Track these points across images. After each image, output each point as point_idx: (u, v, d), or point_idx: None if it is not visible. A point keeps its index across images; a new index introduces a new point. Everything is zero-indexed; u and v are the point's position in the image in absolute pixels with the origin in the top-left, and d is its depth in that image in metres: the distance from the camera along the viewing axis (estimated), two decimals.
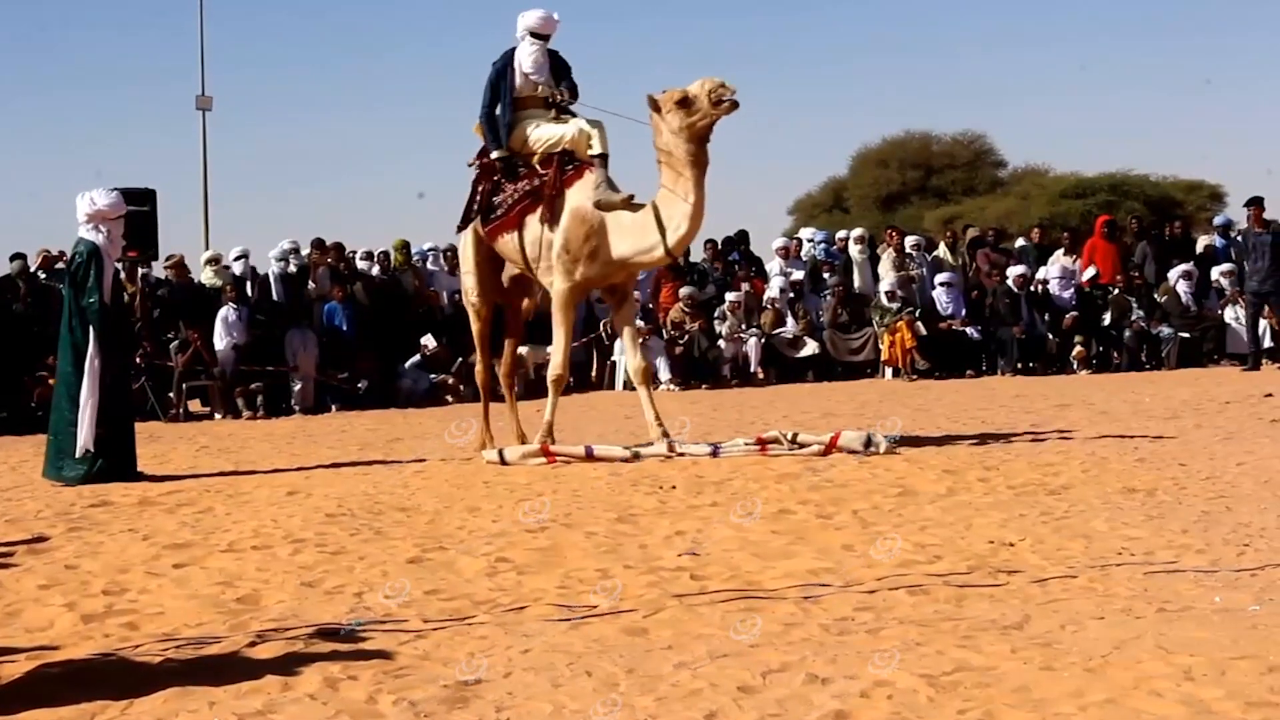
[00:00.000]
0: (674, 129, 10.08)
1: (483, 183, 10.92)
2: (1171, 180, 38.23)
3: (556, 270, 10.50)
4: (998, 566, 6.23)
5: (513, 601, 5.83)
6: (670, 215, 10.17)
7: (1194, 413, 12.96)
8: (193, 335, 16.45)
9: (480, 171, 10.98)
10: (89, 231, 10.05)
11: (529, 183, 10.67)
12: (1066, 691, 4.31)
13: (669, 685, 4.53)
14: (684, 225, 10.19)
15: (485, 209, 10.86)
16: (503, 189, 10.79)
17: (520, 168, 10.75)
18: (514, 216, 10.69)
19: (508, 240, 10.81)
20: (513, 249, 10.82)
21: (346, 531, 7.55)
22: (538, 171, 10.67)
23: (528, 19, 10.78)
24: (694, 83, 10.04)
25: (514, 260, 10.98)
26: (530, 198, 10.63)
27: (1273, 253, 18.84)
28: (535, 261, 10.67)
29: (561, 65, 10.86)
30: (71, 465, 9.91)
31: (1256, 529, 6.94)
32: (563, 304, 10.61)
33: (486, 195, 10.86)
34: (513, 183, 10.74)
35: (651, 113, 10.24)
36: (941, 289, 20.05)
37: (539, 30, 10.77)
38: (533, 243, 10.62)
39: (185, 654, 5.10)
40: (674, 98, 10.05)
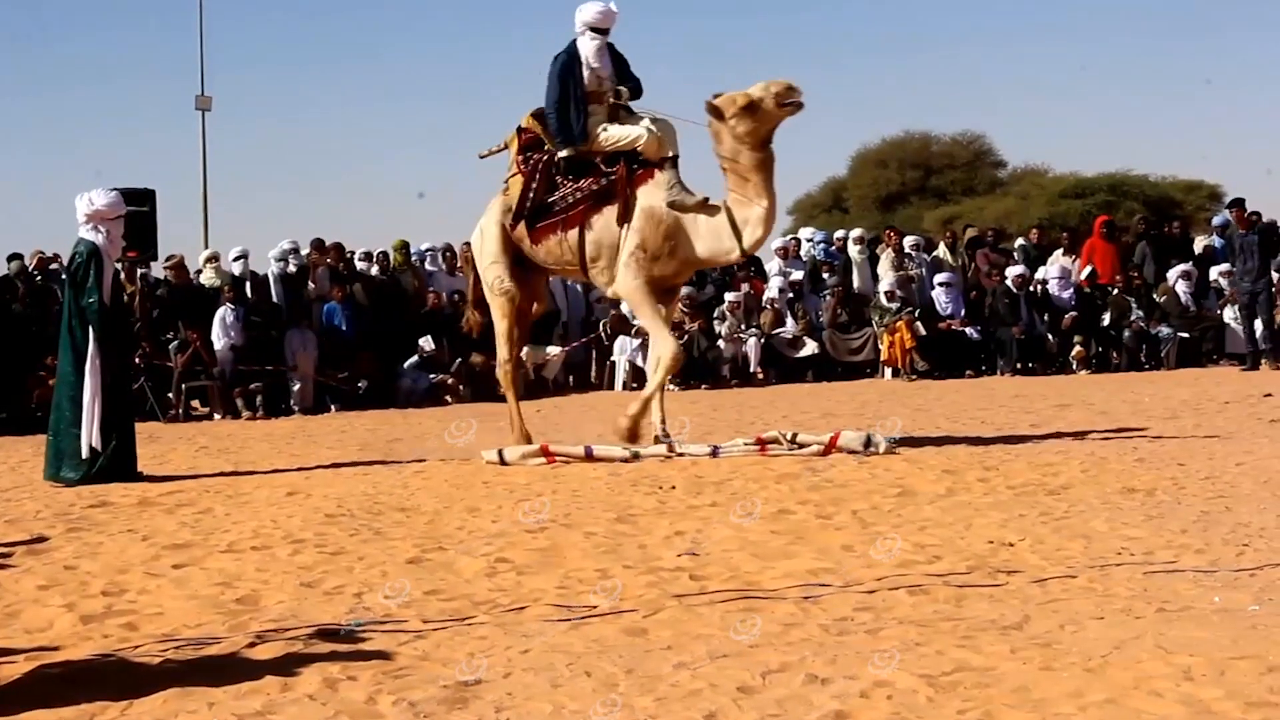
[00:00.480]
0: (738, 135, 10.09)
1: (537, 180, 10.65)
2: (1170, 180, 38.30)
3: (629, 268, 10.40)
4: (997, 566, 6.23)
5: (512, 602, 5.83)
6: (744, 218, 10.22)
7: (1193, 413, 12.97)
8: (192, 335, 16.45)
9: (533, 169, 10.69)
10: (89, 232, 10.05)
11: (594, 182, 10.54)
12: (1066, 692, 4.31)
13: (669, 685, 4.53)
14: (759, 229, 10.27)
15: (538, 208, 10.67)
16: (560, 187, 10.62)
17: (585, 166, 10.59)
18: (576, 215, 10.54)
19: (561, 239, 10.63)
20: (566, 248, 10.63)
21: (346, 532, 7.55)
22: (603, 170, 10.56)
23: (587, 13, 10.60)
24: (755, 85, 10.04)
25: (557, 260, 10.83)
26: (596, 198, 10.52)
27: (1260, 252, 18.91)
28: (594, 261, 10.58)
29: (620, 60, 10.73)
30: (71, 466, 9.91)
31: (1256, 529, 6.94)
32: (641, 298, 10.47)
33: (541, 194, 10.65)
34: (574, 181, 10.60)
35: (711, 120, 10.20)
36: (941, 289, 20.06)
37: (599, 24, 10.59)
38: (595, 242, 10.52)
39: (185, 655, 5.10)
40: (738, 103, 10.03)
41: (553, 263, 10.93)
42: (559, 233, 10.64)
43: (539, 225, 10.68)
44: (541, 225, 10.67)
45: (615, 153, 10.56)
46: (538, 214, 10.67)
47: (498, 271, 10.99)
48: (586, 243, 10.55)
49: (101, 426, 9.84)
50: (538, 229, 10.70)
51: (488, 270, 11.05)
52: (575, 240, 10.59)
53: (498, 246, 10.96)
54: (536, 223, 10.69)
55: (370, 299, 18.36)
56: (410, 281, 19.09)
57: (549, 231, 10.67)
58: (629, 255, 10.40)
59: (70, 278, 10.12)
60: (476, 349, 17.87)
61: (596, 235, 10.53)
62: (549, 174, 10.64)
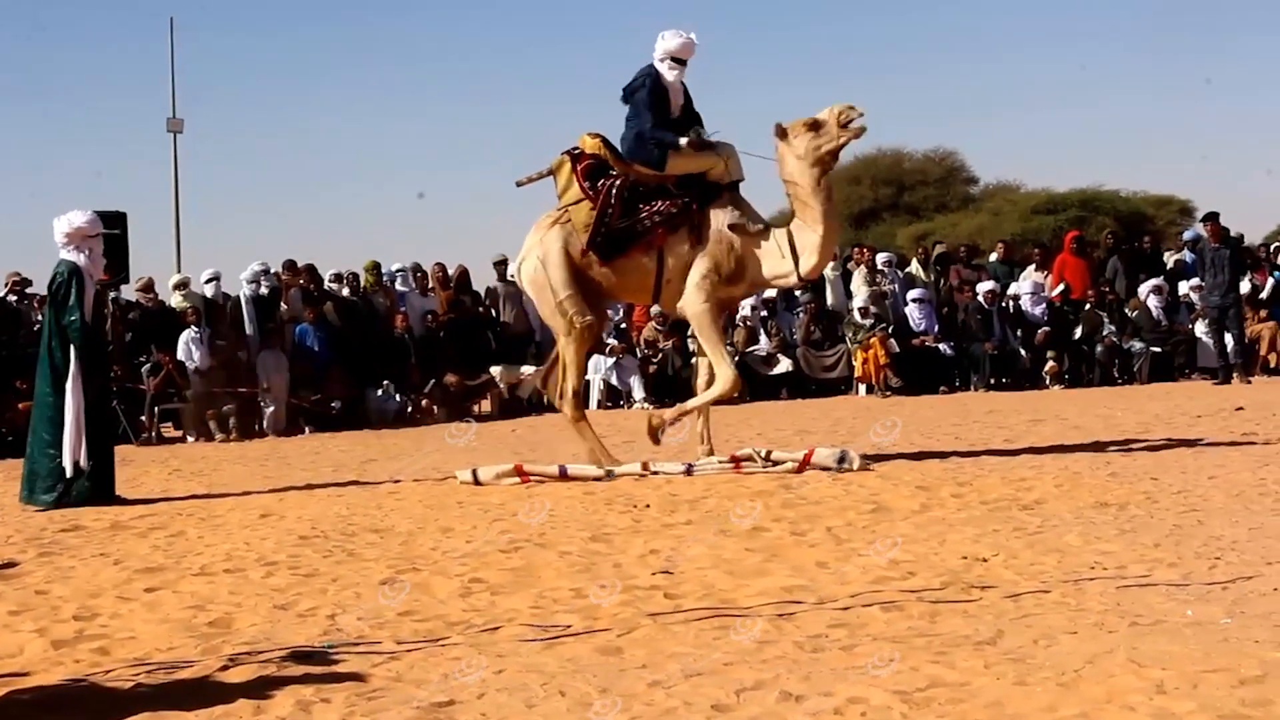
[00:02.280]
0: (799, 154, 10.26)
1: (612, 205, 10.54)
2: (1142, 195, 38.46)
3: (699, 291, 10.46)
4: (971, 582, 6.24)
5: (486, 622, 5.81)
6: (802, 244, 10.36)
7: (1165, 427, 13.02)
8: (164, 358, 16.40)
9: (604, 194, 10.56)
10: (70, 252, 10.05)
11: (670, 206, 10.54)
12: (1039, 706, 4.32)
13: (643, 704, 4.52)
14: (814, 256, 10.39)
15: (614, 233, 10.57)
16: (639, 210, 10.57)
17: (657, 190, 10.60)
18: (655, 240, 10.55)
19: (637, 264, 10.62)
20: (644, 274, 10.65)
21: (320, 553, 7.53)
22: (674, 194, 10.58)
23: (670, 43, 10.61)
24: (824, 110, 10.24)
25: (634, 285, 10.85)
26: (670, 222, 10.54)
27: (1231, 266, 19.03)
28: (669, 285, 10.61)
29: (686, 92, 10.84)
30: (45, 488, 9.88)
31: (1228, 542, 6.97)
32: (709, 321, 10.53)
33: (616, 218, 10.56)
34: (650, 206, 10.58)
35: (778, 142, 10.38)
36: (914, 305, 20.12)
37: (681, 55, 10.66)
38: (671, 266, 10.57)
39: (157, 678, 5.07)
40: (803, 123, 10.27)
41: (625, 290, 10.98)
42: (636, 258, 10.63)
43: (614, 250, 10.62)
44: (617, 250, 10.63)
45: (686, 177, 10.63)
46: (614, 239, 10.60)
47: (577, 304, 10.72)
48: (665, 267, 10.60)
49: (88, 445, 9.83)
50: (614, 255, 10.65)
51: (565, 302, 10.72)
52: (654, 264, 10.62)
53: (567, 275, 10.72)
54: (612, 247, 10.61)
55: (342, 320, 18.32)
56: (382, 302, 19.06)
57: (627, 257, 10.64)
58: (701, 277, 10.47)
59: (51, 297, 10.10)
60: (450, 369, 17.88)
61: (674, 259, 10.58)
62: (624, 198, 10.57)
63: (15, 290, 17.40)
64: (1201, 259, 19.71)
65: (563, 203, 10.81)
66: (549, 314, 11.00)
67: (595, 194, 10.58)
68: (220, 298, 18.27)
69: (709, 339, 10.63)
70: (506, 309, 19.61)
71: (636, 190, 10.58)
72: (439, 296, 19.32)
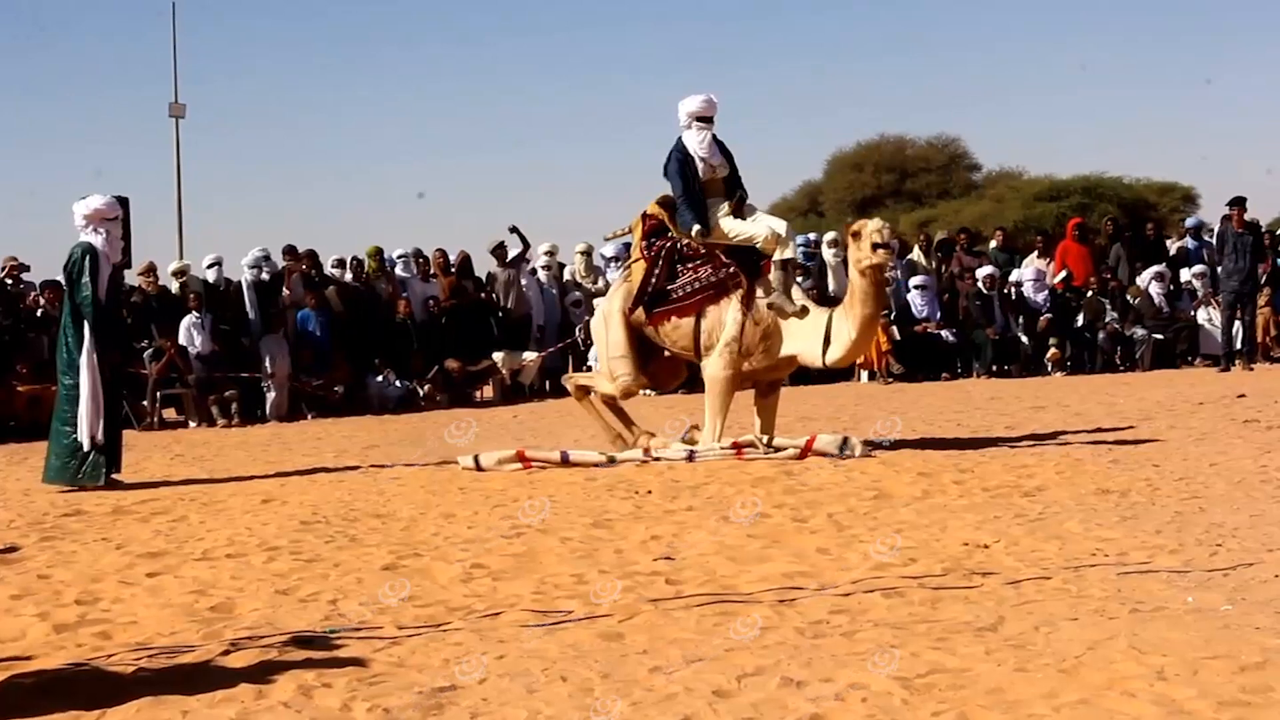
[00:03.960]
0: (854, 259, 10.28)
1: (660, 267, 10.77)
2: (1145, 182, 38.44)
3: (722, 356, 10.50)
4: (972, 568, 6.25)
5: (488, 608, 5.81)
6: (836, 335, 10.35)
7: (1167, 414, 13.01)
8: (167, 343, 16.39)
9: (655, 255, 10.82)
10: (88, 234, 10.22)
11: (714, 272, 10.65)
12: (1040, 693, 4.33)
13: (644, 690, 4.53)
14: (839, 352, 10.39)
15: (658, 294, 10.77)
16: (680, 274, 10.75)
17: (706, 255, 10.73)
18: (694, 305, 10.66)
19: (677, 326, 10.75)
20: (683, 335, 10.75)
21: (321, 539, 7.54)
22: (723, 261, 10.66)
23: (691, 105, 10.77)
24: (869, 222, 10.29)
25: (677, 344, 10.89)
26: (714, 288, 10.63)
27: (1253, 253, 18.95)
28: (708, 349, 10.66)
29: (726, 149, 10.90)
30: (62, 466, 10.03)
31: (1229, 529, 6.97)
32: (721, 390, 10.53)
33: (662, 280, 10.75)
34: (694, 270, 10.72)
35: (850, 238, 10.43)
36: (916, 292, 20.09)
37: (703, 114, 10.78)
38: (709, 331, 10.63)
39: (158, 663, 5.08)
40: (851, 229, 10.37)
41: (671, 345, 11.00)
42: (674, 319, 10.75)
43: (657, 311, 10.79)
44: (659, 311, 10.78)
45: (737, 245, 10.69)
46: (656, 300, 10.78)
47: (625, 367, 10.95)
48: (701, 331, 10.67)
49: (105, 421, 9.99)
50: (656, 314, 10.81)
51: (614, 362, 10.99)
52: (691, 327, 10.70)
53: (623, 336, 10.95)
54: (655, 308, 10.79)
55: (344, 305, 18.31)
56: (384, 288, 19.05)
57: (665, 317, 10.78)
58: (724, 345, 10.51)
59: (66, 277, 10.27)
60: (451, 355, 17.87)
61: (710, 324, 10.63)
62: (671, 261, 10.78)
63: (13, 275, 17.39)
64: (1222, 243, 19.47)
65: (631, 260, 11.16)
66: (602, 361, 11.30)
67: (649, 255, 10.85)
68: (222, 283, 18.26)
69: (713, 406, 10.58)
70: (506, 295, 19.60)
71: (685, 256, 10.77)
72: (440, 282, 19.30)
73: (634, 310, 10.86)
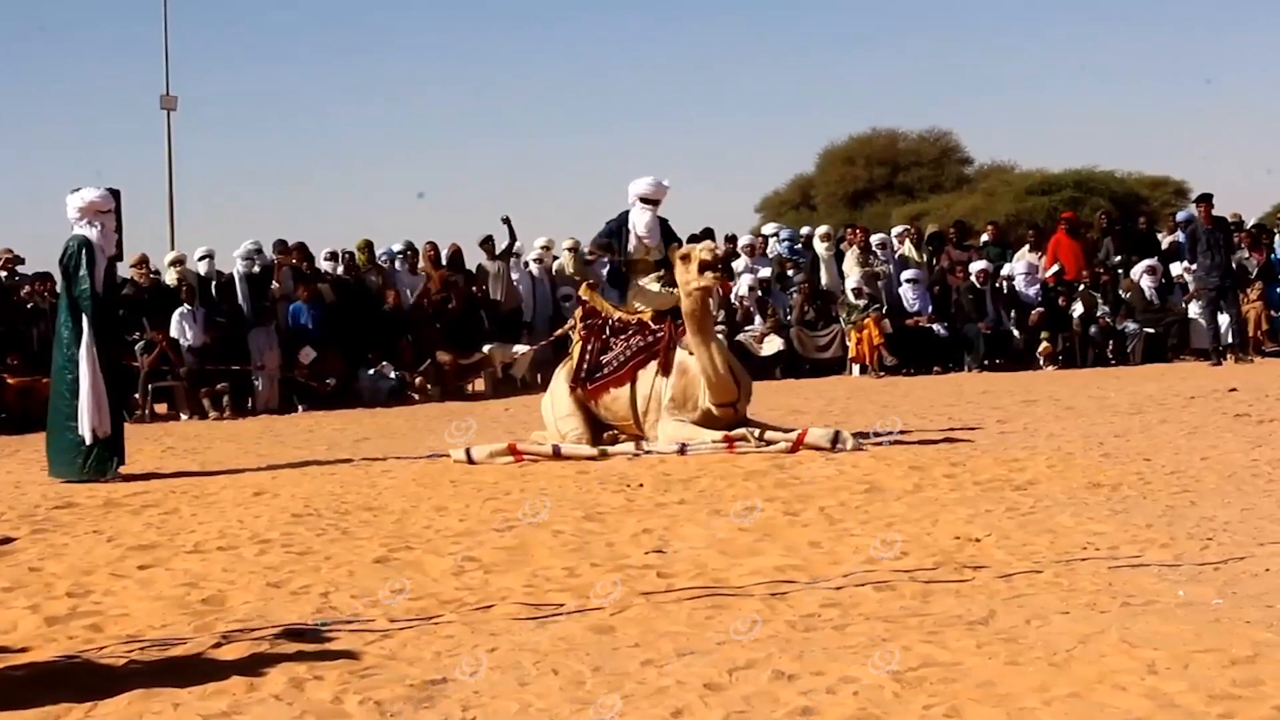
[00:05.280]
0: (681, 284, 10.42)
1: (592, 340, 11.03)
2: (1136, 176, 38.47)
3: (666, 421, 10.58)
4: (964, 562, 6.25)
5: (479, 601, 5.81)
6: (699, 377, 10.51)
7: (1159, 408, 13.03)
8: (158, 336, 16.36)
9: (589, 331, 11.10)
10: (82, 227, 10.20)
11: (641, 338, 10.87)
12: (1031, 686, 4.33)
13: (635, 683, 4.53)
14: (705, 396, 10.46)
15: (593, 367, 10.97)
16: (611, 347, 10.95)
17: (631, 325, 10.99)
18: (628, 371, 10.83)
19: (615, 396, 10.88)
20: (621, 404, 10.87)
21: (313, 532, 7.53)
22: (650, 327, 10.88)
23: (639, 186, 11.25)
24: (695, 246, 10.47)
25: (617, 415, 10.97)
26: (644, 353, 10.82)
27: (1225, 247, 19.03)
28: (645, 415, 10.76)
29: (669, 231, 11.33)
30: (67, 461, 10.06)
31: (1220, 523, 6.98)
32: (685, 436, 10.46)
33: (595, 354, 10.97)
34: (624, 340, 10.93)
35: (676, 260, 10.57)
36: (908, 286, 20.11)
37: (650, 196, 11.24)
38: (644, 397, 10.75)
39: (150, 655, 5.07)
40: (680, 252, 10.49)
41: (612, 419, 11.06)
42: (611, 390, 10.90)
43: (595, 382, 10.94)
44: (597, 382, 10.93)
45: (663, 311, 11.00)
46: (593, 371, 10.95)
47: (574, 424, 10.99)
48: (637, 397, 10.78)
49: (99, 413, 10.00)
50: (593, 387, 10.95)
51: (562, 421, 11.05)
52: (627, 396, 10.82)
53: (569, 402, 11.07)
54: (592, 381, 10.94)
55: (335, 298, 18.29)
56: (375, 281, 19.04)
57: (606, 388, 10.92)
58: (665, 409, 10.62)
59: (63, 270, 10.26)
60: (443, 348, 17.86)
61: (643, 390, 10.76)
62: (602, 334, 11.03)
63: (6, 267, 17.36)
64: (1194, 241, 19.63)
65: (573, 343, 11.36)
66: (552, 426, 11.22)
67: (586, 332, 11.16)
68: (214, 275, 18.24)
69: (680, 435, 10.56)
70: (496, 288, 19.61)
71: (616, 328, 11.04)
72: (431, 275, 19.29)
73: (575, 387, 11.04)
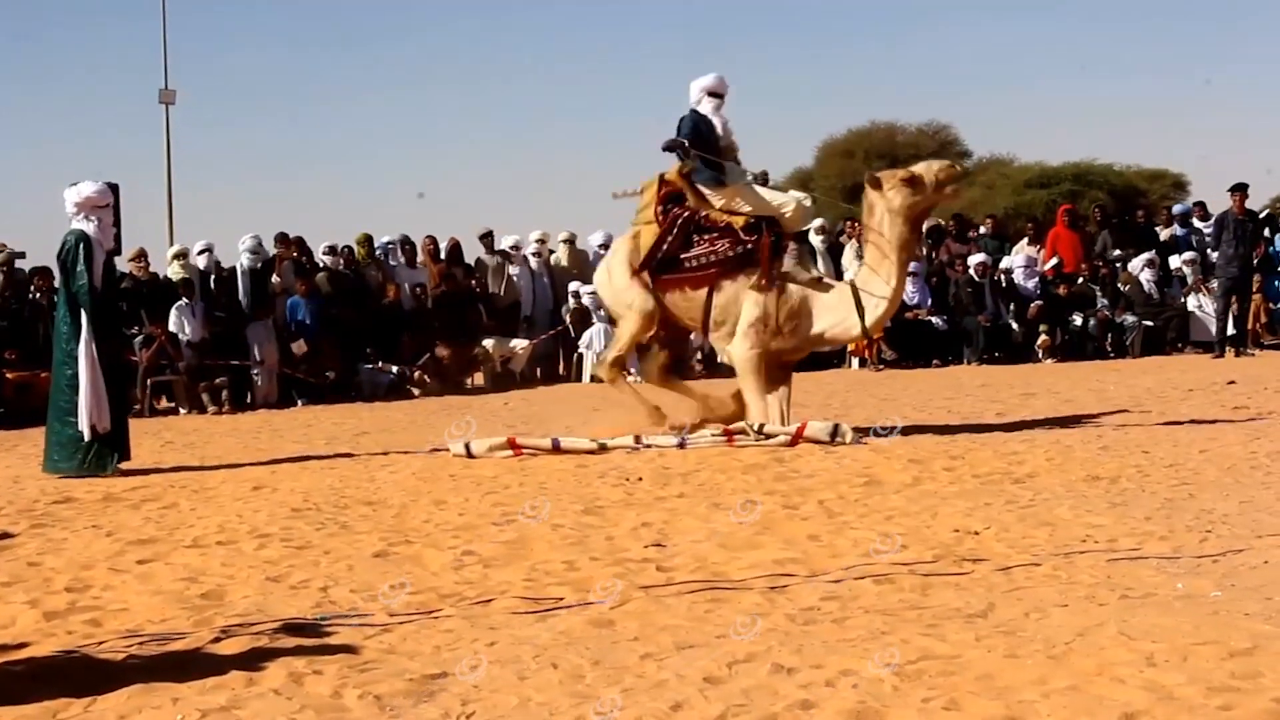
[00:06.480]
0: (893, 207, 10.23)
1: (673, 232, 10.70)
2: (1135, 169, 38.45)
3: (747, 337, 10.49)
4: (963, 555, 6.26)
5: (479, 594, 5.82)
6: (870, 297, 10.38)
7: (1158, 400, 13.03)
8: (157, 330, 16.35)
9: (670, 222, 10.73)
10: (80, 221, 10.16)
11: (731, 247, 10.59)
12: (1030, 679, 4.33)
13: (635, 676, 4.53)
14: (881, 307, 10.45)
15: (669, 260, 10.72)
16: (695, 244, 10.67)
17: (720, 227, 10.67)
18: (711, 276, 10.62)
19: (689, 297, 10.72)
20: (693, 307, 10.72)
21: (312, 526, 7.53)
22: (741, 236, 10.60)
23: (704, 81, 10.91)
24: (920, 164, 10.31)
25: (683, 314, 10.87)
26: (730, 263, 10.57)
27: (1251, 240, 18.96)
28: (718, 325, 10.64)
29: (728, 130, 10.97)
30: (66, 456, 10.04)
31: (1219, 516, 6.98)
32: (753, 369, 10.51)
33: (675, 247, 10.69)
34: (709, 241, 10.66)
35: (869, 189, 10.38)
36: (907, 279, 20.04)
37: (716, 89, 10.90)
38: (722, 307, 10.61)
39: (149, 650, 5.07)
40: (899, 175, 10.28)
41: (675, 313, 10.96)
42: (686, 289, 10.73)
43: (665, 277, 10.75)
44: (668, 278, 10.75)
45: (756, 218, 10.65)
46: (665, 266, 10.74)
47: (637, 290, 10.89)
48: (714, 305, 10.64)
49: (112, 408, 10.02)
50: (663, 280, 10.77)
51: (625, 292, 10.95)
52: (702, 300, 10.68)
53: (628, 277, 10.92)
54: (663, 274, 10.76)
55: (334, 293, 18.28)
56: (374, 275, 19.03)
57: (675, 285, 10.76)
58: (748, 325, 10.48)
59: (61, 265, 10.23)
60: (442, 342, 17.85)
61: (724, 300, 10.61)
62: (687, 230, 10.70)
63: (7, 263, 17.33)
64: (1221, 228, 19.39)
65: (637, 221, 11.08)
66: (614, 307, 11.29)
67: (664, 220, 10.76)
68: (213, 269, 18.23)
69: (749, 387, 10.56)
70: (495, 282, 19.61)
71: (702, 226, 10.69)
72: (430, 270, 19.29)
73: (640, 271, 10.82)
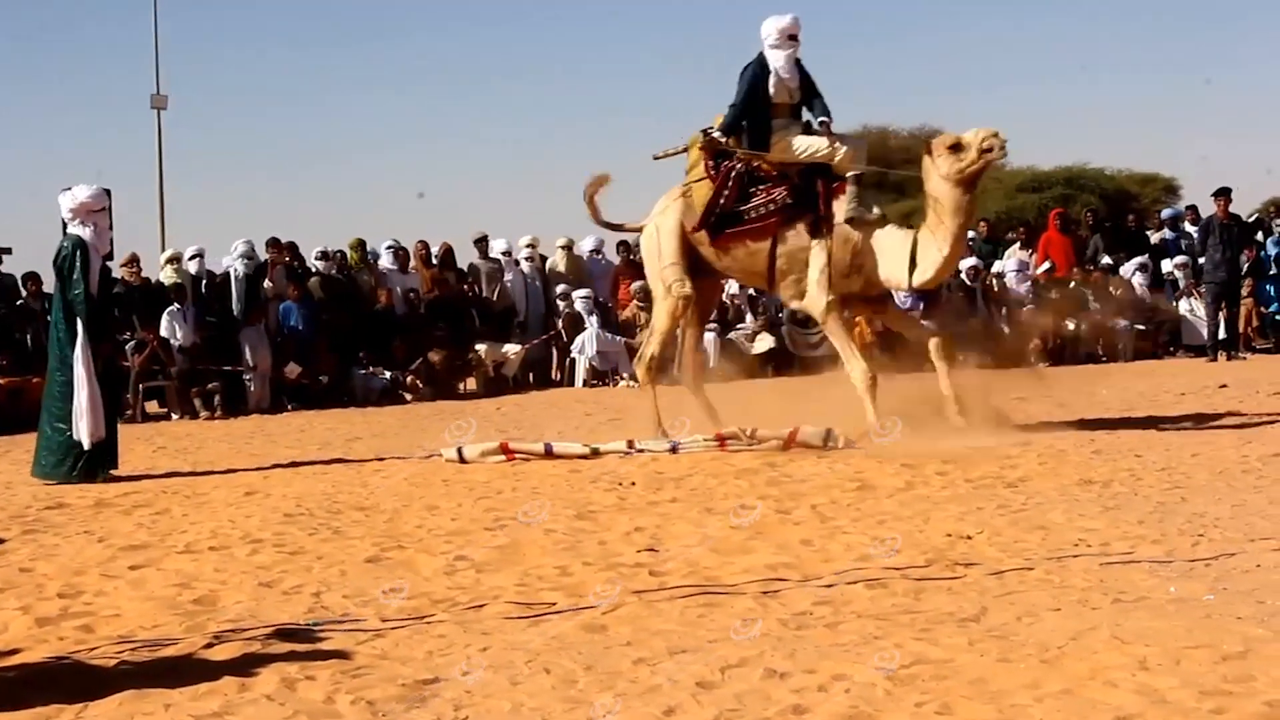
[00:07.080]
0: (943, 174, 10.25)
1: (727, 186, 10.64)
2: (1126, 173, 38.46)
3: (818, 288, 10.47)
4: (955, 559, 6.26)
5: (471, 600, 5.81)
6: (923, 255, 10.37)
7: (1150, 404, 13.04)
8: (149, 335, 16.32)
9: (724, 176, 10.66)
10: (76, 227, 10.14)
11: (788, 194, 10.55)
12: (1023, 683, 4.34)
13: (628, 681, 4.53)
14: (929, 271, 10.43)
15: (728, 216, 10.65)
16: (752, 196, 10.61)
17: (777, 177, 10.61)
18: (769, 227, 10.57)
19: (753, 250, 10.68)
20: (758, 260, 10.68)
21: (305, 531, 7.52)
22: (796, 183, 10.57)
23: (779, 22, 10.72)
24: (968, 131, 10.25)
25: (742, 269, 10.90)
26: (790, 210, 10.54)
27: (1237, 244, 18.98)
28: (784, 275, 10.61)
29: (804, 73, 10.78)
30: (55, 462, 10.02)
31: (1211, 519, 6.99)
32: (831, 316, 10.54)
33: (731, 201, 10.62)
34: (766, 191, 10.61)
35: (924, 156, 10.43)
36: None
37: (790, 31, 10.73)
38: (787, 255, 10.58)
39: (141, 656, 5.07)
40: (946, 143, 10.30)
41: (736, 270, 10.98)
42: (748, 243, 10.69)
43: (726, 232, 10.70)
44: (729, 233, 10.70)
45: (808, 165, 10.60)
46: (725, 221, 10.68)
47: (678, 274, 10.90)
48: (778, 256, 10.61)
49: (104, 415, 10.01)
50: (724, 236, 10.72)
51: (666, 270, 10.95)
52: (766, 252, 10.64)
53: (676, 247, 10.90)
54: (723, 230, 10.70)
55: (327, 297, 18.26)
56: (367, 280, 19.01)
57: (737, 240, 10.72)
58: (819, 274, 10.47)
59: (57, 271, 10.19)
60: (435, 347, 17.84)
61: (789, 249, 10.59)
62: (741, 182, 10.65)
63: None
64: (1206, 233, 19.43)
65: (688, 179, 10.99)
66: (653, 278, 11.26)
67: (717, 175, 10.69)
68: (205, 274, 18.21)
69: (835, 335, 10.63)
70: (488, 286, 19.61)
71: (756, 177, 10.64)
72: (422, 274, 19.28)
73: (698, 229, 10.77)
